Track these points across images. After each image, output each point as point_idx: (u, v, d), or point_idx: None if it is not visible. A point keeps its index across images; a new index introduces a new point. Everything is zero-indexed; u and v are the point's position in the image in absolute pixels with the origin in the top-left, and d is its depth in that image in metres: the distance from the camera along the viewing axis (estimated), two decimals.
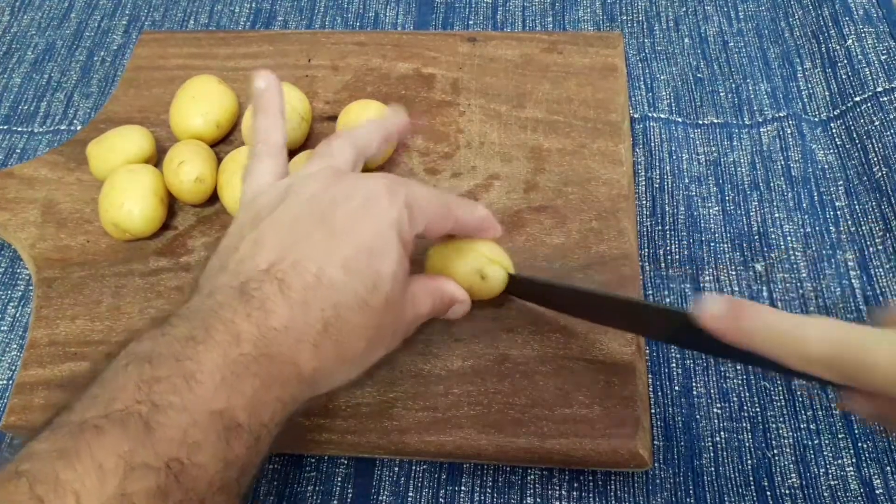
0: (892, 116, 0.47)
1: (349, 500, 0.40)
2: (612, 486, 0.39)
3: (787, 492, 0.38)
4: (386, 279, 0.32)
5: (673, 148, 0.50)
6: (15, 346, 0.46)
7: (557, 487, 0.39)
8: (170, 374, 0.25)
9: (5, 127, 0.56)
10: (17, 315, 0.47)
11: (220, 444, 0.25)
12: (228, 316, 0.28)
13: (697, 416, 0.41)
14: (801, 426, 0.40)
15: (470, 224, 0.37)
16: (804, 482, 0.39)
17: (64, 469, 0.22)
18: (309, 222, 0.32)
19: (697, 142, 0.50)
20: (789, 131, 0.50)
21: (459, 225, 0.37)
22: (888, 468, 0.39)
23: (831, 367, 0.26)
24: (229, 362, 0.26)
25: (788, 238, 0.46)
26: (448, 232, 0.37)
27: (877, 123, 0.48)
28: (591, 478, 0.40)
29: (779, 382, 0.41)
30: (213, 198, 0.46)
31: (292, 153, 0.47)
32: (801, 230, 0.46)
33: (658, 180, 0.49)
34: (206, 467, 0.24)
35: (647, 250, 0.46)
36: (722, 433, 0.40)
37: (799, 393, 0.41)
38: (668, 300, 0.44)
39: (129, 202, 0.44)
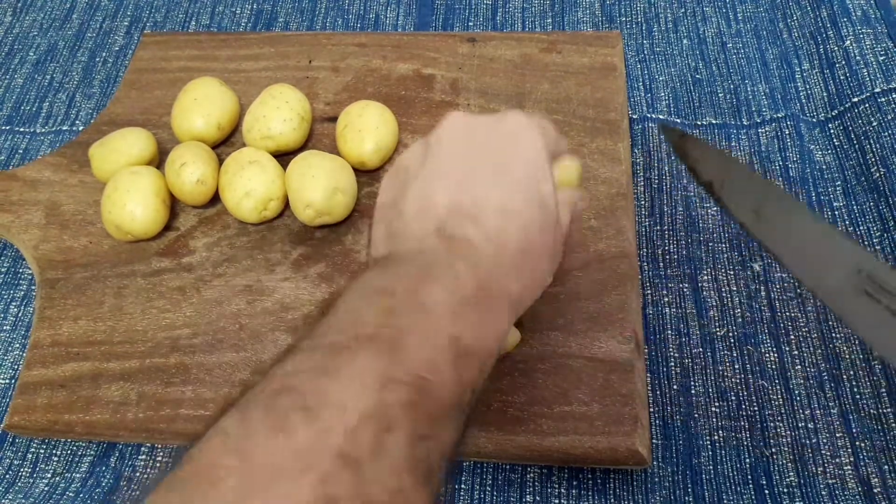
0: (889, 117, 0.48)
1: None
2: (611, 484, 0.39)
3: (786, 490, 0.39)
4: (549, 197, 0.33)
5: (672, 148, 0.50)
6: (17, 345, 0.46)
7: (556, 485, 0.40)
8: (407, 305, 0.28)
9: (8, 127, 0.56)
10: (20, 315, 0.47)
11: (455, 366, 0.27)
12: (443, 259, 0.30)
13: (696, 415, 0.41)
14: (799, 425, 0.40)
15: (562, 146, 0.38)
16: (802, 481, 0.39)
17: (329, 383, 0.24)
18: (466, 163, 0.33)
19: None
20: (787, 132, 0.50)
21: (563, 153, 0.37)
22: (886, 467, 0.39)
23: None
24: (456, 297, 0.29)
25: None
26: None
27: (874, 124, 0.48)
28: (590, 476, 0.40)
29: (777, 382, 0.42)
30: (215, 199, 0.47)
31: (293, 153, 0.47)
32: None
33: (657, 180, 0.49)
34: (445, 385, 0.27)
35: (645, 250, 0.46)
36: (720, 431, 0.40)
37: (797, 392, 0.41)
38: (666, 298, 0.44)
39: (132, 204, 0.44)
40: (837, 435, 0.40)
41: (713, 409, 0.41)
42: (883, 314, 0.26)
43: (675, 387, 0.42)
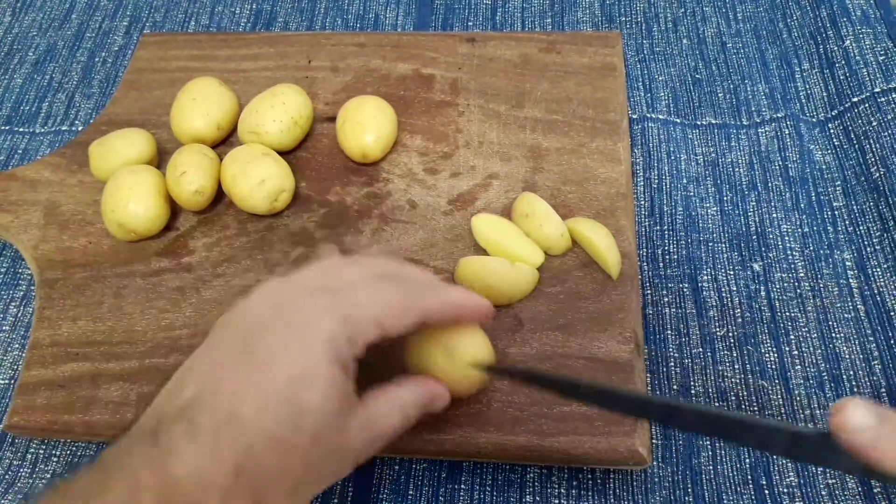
0: (889, 117, 0.48)
1: (350, 498, 0.40)
2: (611, 485, 0.39)
3: (786, 490, 0.39)
4: (311, 413, 0.28)
5: (671, 148, 0.50)
6: (17, 345, 0.46)
7: (556, 485, 0.40)
8: None
9: (7, 127, 0.56)
10: (19, 315, 0.47)
11: None
12: (133, 464, 0.26)
13: None
14: (800, 425, 0.40)
15: (444, 314, 0.33)
16: (802, 481, 0.39)
17: None
18: (234, 351, 0.29)
19: (696, 142, 0.51)
20: (787, 132, 0.50)
21: (431, 317, 0.33)
22: None
23: None
24: None
25: (786, 238, 0.46)
26: (417, 326, 0.32)
27: (874, 124, 0.48)
28: (590, 476, 0.40)
29: (777, 382, 0.42)
30: (215, 200, 0.47)
31: (286, 153, 0.47)
32: (799, 230, 0.46)
33: (656, 180, 0.49)
34: None
35: (645, 250, 0.46)
36: None
37: (797, 392, 0.41)
38: (666, 299, 0.44)
39: (134, 202, 0.44)
40: None
41: None
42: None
43: (674, 387, 0.42)
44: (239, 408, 0.27)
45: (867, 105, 0.49)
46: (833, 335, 0.43)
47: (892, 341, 0.42)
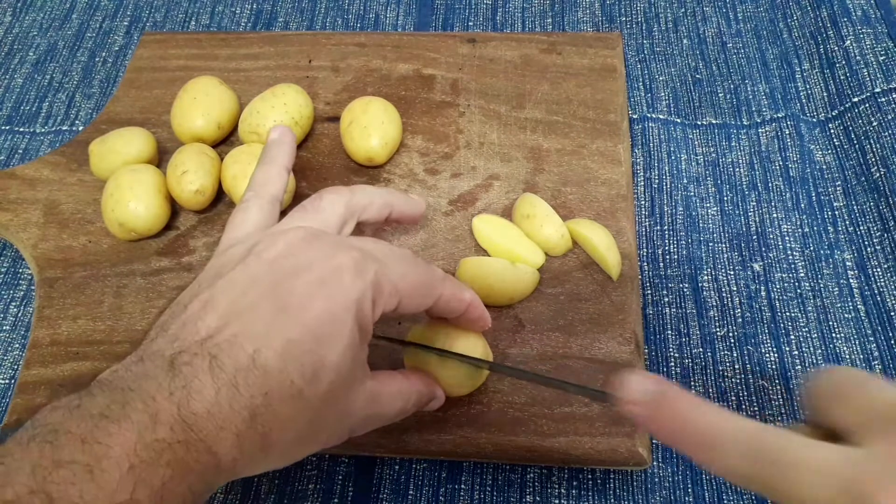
0: (889, 117, 0.48)
1: (350, 498, 0.40)
2: (611, 485, 0.39)
3: None
4: (329, 369, 0.28)
5: (672, 148, 0.50)
6: (17, 345, 0.46)
7: (557, 486, 0.40)
8: (73, 460, 0.23)
9: (7, 127, 0.56)
10: (20, 315, 0.47)
11: None
12: (151, 391, 0.26)
13: None
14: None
15: (454, 307, 0.34)
16: None
17: None
18: (261, 291, 0.29)
19: (696, 142, 0.51)
20: (787, 132, 0.50)
21: (442, 304, 0.33)
22: None
23: (751, 481, 0.24)
24: (141, 448, 0.24)
25: (786, 238, 0.46)
26: (427, 310, 0.34)
27: (875, 124, 0.48)
28: (590, 476, 0.40)
29: (777, 382, 0.42)
30: (215, 200, 0.47)
31: None
32: (800, 230, 0.46)
33: (657, 181, 0.49)
34: None
35: (645, 250, 0.46)
36: None
37: (797, 392, 0.41)
38: (666, 299, 0.44)
39: (135, 201, 0.44)
40: None
41: None
42: None
43: None
44: (263, 352, 0.27)
45: (867, 105, 0.49)
46: (833, 335, 0.43)
47: (892, 341, 0.42)
